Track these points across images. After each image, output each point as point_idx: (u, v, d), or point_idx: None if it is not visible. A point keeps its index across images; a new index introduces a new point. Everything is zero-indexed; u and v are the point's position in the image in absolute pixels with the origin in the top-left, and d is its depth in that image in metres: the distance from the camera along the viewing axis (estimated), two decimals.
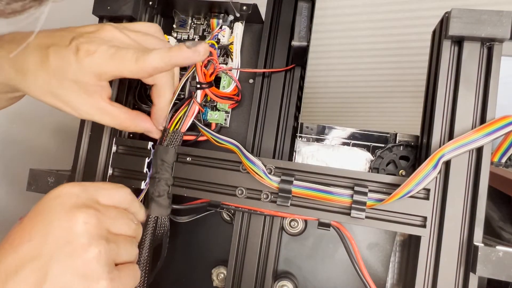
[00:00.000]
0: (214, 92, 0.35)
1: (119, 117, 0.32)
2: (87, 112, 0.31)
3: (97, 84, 0.30)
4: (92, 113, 0.31)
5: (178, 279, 0.39)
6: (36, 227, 0.25)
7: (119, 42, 0.30)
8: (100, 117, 0.31)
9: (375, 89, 0.86)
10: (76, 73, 0.29)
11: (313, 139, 0.40)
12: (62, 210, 0.25)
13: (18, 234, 0.25)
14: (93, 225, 0.25)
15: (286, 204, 0.31)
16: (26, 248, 0.24)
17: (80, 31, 0.30)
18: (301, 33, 0.32)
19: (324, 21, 0.70)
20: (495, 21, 0.29)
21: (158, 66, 0.28)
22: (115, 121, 0.32)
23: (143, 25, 0.34)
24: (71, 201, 0.26)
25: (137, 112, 0.34)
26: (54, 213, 0.25)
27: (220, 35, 0.37)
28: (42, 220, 0.25)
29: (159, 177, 0.33)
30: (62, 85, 0.29)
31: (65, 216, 0.25)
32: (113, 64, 0.28)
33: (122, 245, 0.27)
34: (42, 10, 0.18)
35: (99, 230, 0.25)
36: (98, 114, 0.31)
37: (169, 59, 0.28)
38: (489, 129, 0.29)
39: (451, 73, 0.31)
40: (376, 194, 0.30)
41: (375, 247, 0.36)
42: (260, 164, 0.32)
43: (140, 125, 0.34)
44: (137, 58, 0.28)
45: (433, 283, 0.29)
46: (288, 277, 0.36)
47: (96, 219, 0.26)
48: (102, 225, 0.26)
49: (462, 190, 0.30)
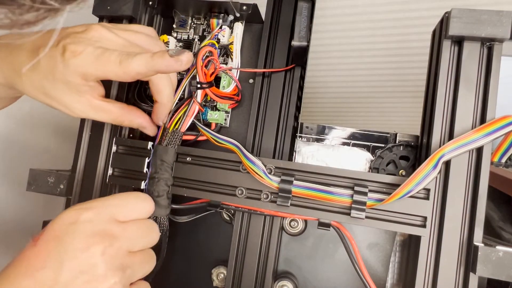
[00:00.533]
0: (214, 92, 0.35)
1: (115, 111, 0.32)
2: (81, 110, 0.31)
3: (85, 84, 0.30)
4: (86, 111, 0.31)
5: (178, 279, 0.39)
6: (51, 253, 0.25)
7: (108, 42, 0.30)
8: (95, 114, 0.31)
9: (375, 89, 0.86)
10: (64, 74, 0.29)
11: (313, 139, 0.40)
12: (78, 238, 0.25)
13: (33, 258, 0.25)
14: (110, 256, 0.26)
15: (286, 204, 0.31)
16: (42, 275, 0.24)
17: (69, 31, 0.30)
18: (301, 33, 0.32)
19: (324, 21, 0.70)
20: (495, 21, 0.29)
21: (141, 71, 0.28)
22: (111, 116, 0.32)
23: (137, 26, 0.34)
24: (87, 229, 0.26)
25: (132, 107, 0.34)
26: (70, 241, 0.25)
27: (220, 35, 0.37)
28: (58, 247, 0.25)
29: (159, 177, 0.33)
30: (54, 86, 0.29)
31: (81, 245, 0.25)
32: (97, 66, 0.28)
33: (138, 266, 0.28)
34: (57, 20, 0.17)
35: (116, 260, 0.26)
36: (93, 112, 0.31)
37: (151, 65, 0.28)
38: (489, 129, 0.29)
39: (451, 73, 0.31)
40: (376, 194, 0.30)
41: (375, 247, 0.36)
42: (260, 164, 0.32)
43: (135, 120, 0.34)
44: (120, 61, 0.28)
45: (433, 283, 0.29)
46: (288, 277, 0.36)
47: (113, 249, 0.26)
48: (120, 252, 0.26)
49: (462, 190, 0.30)
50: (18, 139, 0.50)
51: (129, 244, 0.27)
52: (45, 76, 0.29)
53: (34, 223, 0.50)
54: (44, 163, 0.54)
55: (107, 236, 0.26)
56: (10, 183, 0.49)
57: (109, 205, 0.28)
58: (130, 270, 0.27)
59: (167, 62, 0.28)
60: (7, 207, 0.49)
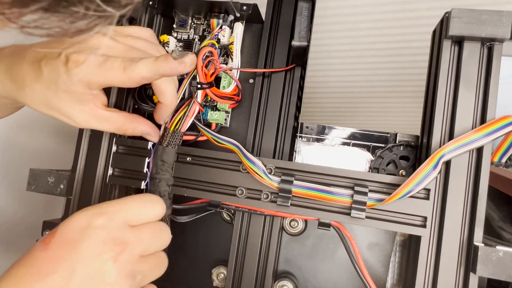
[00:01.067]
0: (215, 92, 0.35)
1: (118, 121, 0.32)
2: (85, 120, 0.31)
3: (88, 93, 0.30)
4: (90, 121, 0.31)
5: (178, 279, 0.39)
6: (63, 259, 0.25)
7: (108, 49, 0.30)
8: (98, 124, 0.32)
9: (375, 89, 0.86)
10: (67, 84, 0.29)
11: (313, 139, 0.40)
12: (90, 245, 0.25)
13: (45, 262, 0.25)
14: (121, 263, 0.26)
15: (286, 204, 0.31)
16: (53, 281, 0.24)
17: (70, 41, 0.30)
18: (301, 33, 0.32)
19: (324, 21, 0.70)
20: (495, 21, 0.29)
21: (146, 76, 0.28)
22: (114, 125, 0.32)
23: (135, 29, 0.34)
24: (99, 235, 0.26)
25: (134, 115, 0.34)
26: (82, 248, 0.25)
27: (220, 35, 0.37)
28: (69, 252, 0.25)
29: (160, 178, 0.33)
30: (57, 96, 0.30)
31: (93, 252, 0.25)
32: (101, 74, 0.28)
33: (149, 271, 0.28)
34: (108, 28, 0.17)
35: (127, 266, 0.26)
36: (96, 121, 0.31)
37: (156, 70, 0.28)
38: (489, 129, 0.29)
39: (451, 73, 0.31)
40: (376, 194, 0.30)
41: (375, 247, 0.36)
42: (260, 164, 0.32)
43: (139, 128, 0.33)
44: (124, 67, 0.28)
45: (433, 283, 0.29)
46: (288, 277, 0.36)
47: (125, 256, 0.26)
48: (132, 258, 0.26)
49: (462, 190, 0.30)
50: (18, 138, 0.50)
51: (141, 249, 0.27)
52: (48, 87, 0.29)
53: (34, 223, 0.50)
54: (44, 163, 0.54)
55: (120, 243, 0.26)
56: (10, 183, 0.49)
57: (122, 210, 0.28)
58: (140, 276, 0.27)
59: (171, 65, 0.28)
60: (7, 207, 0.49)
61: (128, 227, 0.27)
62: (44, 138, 0.55)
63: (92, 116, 0.31)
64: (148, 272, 0.28)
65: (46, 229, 0.37)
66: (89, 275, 0.25)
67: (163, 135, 0.35)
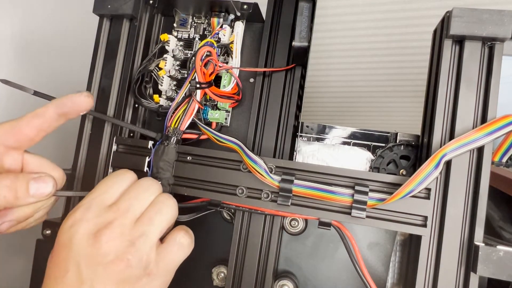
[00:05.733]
0: (214, 91, 0.35)
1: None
2: None
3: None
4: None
5: (178, 279, 0.39)
6: (67, 259, 0.26)
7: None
8: None
9: (375, 89, 0.87)
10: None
11: (314, 138, 0.40)
12: (79, 239, 0.27)
13: (56, 268, 0.27)
14: (114, 240, 0.27)
15: (286, 204, 0.31)
16: (68, 279, 0.26)
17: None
18: (302, 33, 0.32)
19: (324, 20, 0.70)
20: (496, 20, 0.29)
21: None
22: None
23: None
24: (82, 228, 0.27)
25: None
26: (74, 244, 0.27)
27: (220, 34, 0.37)
28: (69, 252, 0.27)
29: (160, 177, 0.33)
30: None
31: (85, 243, 0.27)
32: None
33: (151, 224, 0.28)
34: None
35: (122, 239, 0.27)
36: None
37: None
38: (490, 129, 0.29)
39: (452, 72, 0.31)
40: (376, 194, 0.30)
41: (376, 246, 0.36)
42: (262, 163, 0.32)
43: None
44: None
45: (433, 282, 0.29)
46: (289, 277, 0.36)
47: (114, 232, 0.27)
48: (123, 230, 0.27)
49: (463, 189, 0.30)
50: None
51: (128, 216, 0.28)
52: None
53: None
54: None
55: (104, 225, 0.27)
56: None
57: (94, 197, 0.28)
58: (143, 237, 0.27)
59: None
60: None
61: (106, 207, 0.28)
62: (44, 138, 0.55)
63: None
64: (150, 227, 0.28)
65: (46, 229, 0.37)
66: (93, 262, 0.26)
67: (163, 134, 0.35)
